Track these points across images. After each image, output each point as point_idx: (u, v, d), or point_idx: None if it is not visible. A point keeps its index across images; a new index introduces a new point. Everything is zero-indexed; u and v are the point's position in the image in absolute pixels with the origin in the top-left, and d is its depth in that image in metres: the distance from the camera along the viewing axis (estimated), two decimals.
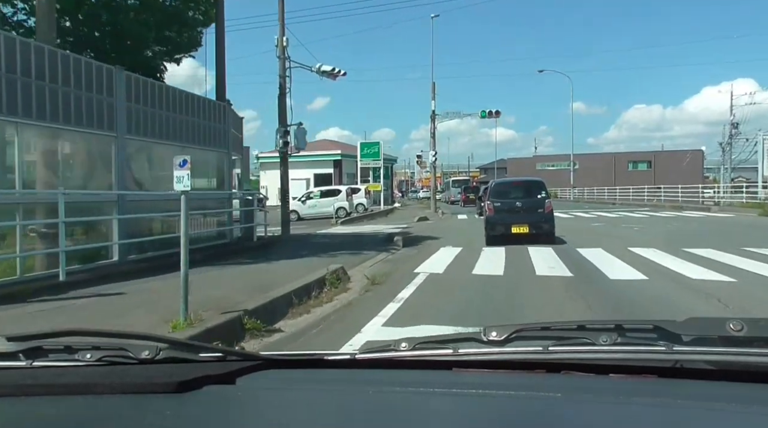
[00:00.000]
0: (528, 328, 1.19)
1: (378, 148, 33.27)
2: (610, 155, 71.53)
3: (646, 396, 0.94)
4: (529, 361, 1.10)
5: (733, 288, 6.89)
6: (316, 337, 5.22)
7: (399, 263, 10.30)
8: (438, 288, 7.60)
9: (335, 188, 27.44)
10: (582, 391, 0.99)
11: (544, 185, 13.60)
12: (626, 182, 52.33)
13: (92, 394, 1.01)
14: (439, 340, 1.21)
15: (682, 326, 1.08)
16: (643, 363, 1.05)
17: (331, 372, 1.20)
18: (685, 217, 22.03)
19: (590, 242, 12.42)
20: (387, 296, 6.94)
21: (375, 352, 1.21)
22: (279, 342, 5.11)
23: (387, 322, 5.59)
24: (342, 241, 14.52)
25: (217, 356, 1.20)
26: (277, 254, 11.38)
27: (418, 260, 10.45)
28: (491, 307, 6.38)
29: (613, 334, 1.08)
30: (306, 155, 43.83)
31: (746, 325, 1.02)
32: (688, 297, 6.50)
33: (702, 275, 7.86)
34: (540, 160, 76.23)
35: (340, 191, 26.69)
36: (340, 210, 26.34)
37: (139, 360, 1.13)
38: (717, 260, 9.13)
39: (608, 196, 45.72)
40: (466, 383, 1.06)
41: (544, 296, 6.80)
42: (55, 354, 1.17)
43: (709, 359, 1.02)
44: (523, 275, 8.43)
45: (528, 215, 12.53)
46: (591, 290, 7.06)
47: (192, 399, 1.01)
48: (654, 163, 67.98)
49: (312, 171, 40.68)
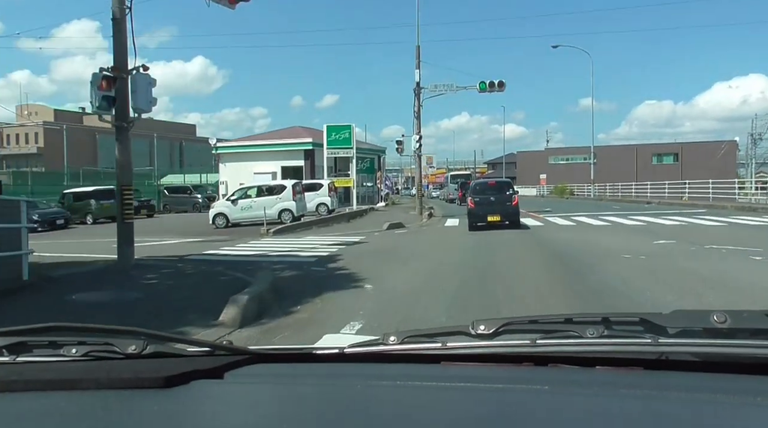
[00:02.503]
0: (516, 321, 1.18)
1: (349, 132, 26.11)
2: (631, 147, 64.03)
3: (632, 388, 0.95)
4: (516, 354, 1.10)
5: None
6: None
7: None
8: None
9: (278, 184, 20.29)
10: (569, 384, 1.00)
11: (512, 185, 17.03)
12: (649, 178, 45.36)
13: (78, 390, 1.00)
14: (427, 334, 1.20)
15: (668, 318, 1.09)
16: (629, 355, 1.05)
17: (319, 366, 1.18)
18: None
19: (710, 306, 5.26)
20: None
21: (363, 346, 1.22)
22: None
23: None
24: (172, 287, 7.31)
25: (205, 350, 1.20)
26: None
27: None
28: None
29: (600, 327, 1.09)
30: (272, 144, 37.26)
31: (730, 317, 1.03)
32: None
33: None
34: (553, 153, 68.87)
35: (284, 188, 19.52)
36: (284, 213, 19.22)
37: (125, 355, 1.11)
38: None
39: (636, 192, 38.35)
40: (454, 376, 1.08)
41: None
42: (39, 350, 1.16)
43: (694, 351, 1.04)
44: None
45: (500, 207, 15.63)
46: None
47: (179, 393, 0.99)
48: (681, 156, 60.62)
49: (279, 163, 33.59)
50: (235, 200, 19.64)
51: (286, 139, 34.43)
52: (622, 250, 9.78)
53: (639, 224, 16.11)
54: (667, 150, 63.18)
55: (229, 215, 19.44)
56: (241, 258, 10.71)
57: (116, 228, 9.57)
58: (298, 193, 19.87)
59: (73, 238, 17.60)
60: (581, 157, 64.41)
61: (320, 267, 9.09)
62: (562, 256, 9.68)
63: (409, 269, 8.78)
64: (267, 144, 34.74)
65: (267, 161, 34.02)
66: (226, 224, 19.32)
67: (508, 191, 16.20)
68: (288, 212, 19.22)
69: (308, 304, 6.11)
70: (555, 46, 40.35)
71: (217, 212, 19.60)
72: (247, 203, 19.17)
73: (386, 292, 6.78)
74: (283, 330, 5.04)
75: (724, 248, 9.80)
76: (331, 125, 26.60)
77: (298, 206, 19.52)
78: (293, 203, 19.26)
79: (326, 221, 19.69)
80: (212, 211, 19.89)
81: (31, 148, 70.75)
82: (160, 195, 33.18)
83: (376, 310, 5.80)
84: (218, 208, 19.80)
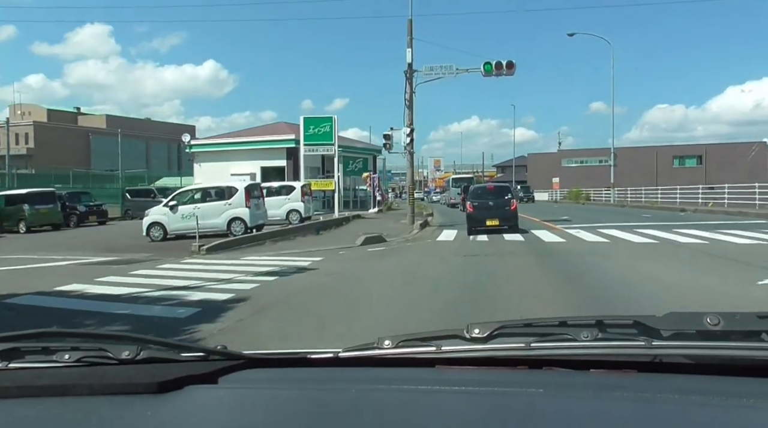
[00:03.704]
0: (510, 325, 1.17)
1: (330, 125, 21.95)
2: (651, 149, 59.54)
3: (626, 391, 0.95)
4: (511, 357, 1.10)
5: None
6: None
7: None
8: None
9: (228, 186, 16.15)
10: (563, 387, 1.00)
11: (510, 189, 17.77)
12: (669, 181, 41.14)
13: (71, 395, 0.99)
14: (422, 337, 1.18)
15: (662, 321, 1.08)
16: (623, 358, 1.06)
17: (314, 370, 1.17)
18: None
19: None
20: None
21: (358, 350, 1.19)
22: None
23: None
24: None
25: (199, 355, 1.16)
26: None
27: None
28: None
29: (594, 330, 1.09)
30: (251, 142, 33.28)
31: (723, 319, 1.02)
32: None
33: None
34: (566, 155, 64.48)
35: (235, 191, 15.44)
36: (235, 222, 15.20)
37: (119, 361, 1.09)
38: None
39: (663, 198, 33.97)
40: (449, 380, 1.06)
41: None
42: (32, 356, 1.14)
43: (688, 353, 1.04)
44: None
45: (498, 211, 15.43)
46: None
47: (173, 399, 0.98)
48: (705, 158, 56.12)
49: (259, 163, 29.63)
50: (174, 207, 15.51)
51: (267, 136, 30.42)
52: (741, 308, 5.64)
53: (698, 242, 11.87)
54: (690, 152, 58.71)
55: (167, 225, 15.38)
56: (88, 304, 6.65)
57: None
58: (255, 198, 15.78)
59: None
60: (596, 159, 60.22)
61: (183, 335, 5.02)
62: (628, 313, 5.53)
63: (325, 343, 4.66)
64: (246, 141, 30.79)
65: (246, 160, 30.10)
66: (164, 236, 15.29)
67: (507, 195, 16.29)
68: (240, 222, 15.12)
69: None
70: (571, 34, 36.19)
71: (151, 222, 15.52)
72: (189, 210, 15.05)
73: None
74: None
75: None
76: (310, 117, 22.43)
77: (254, 214, 15.41)
78: (246, 211, 15.14)
79: (289, 233, 15.57)
80: (146, 220, 15.73)
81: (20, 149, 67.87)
82: (123, 199, 29.26)
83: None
84: (153, 216, 15.67)
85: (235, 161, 30.15)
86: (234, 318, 5.62)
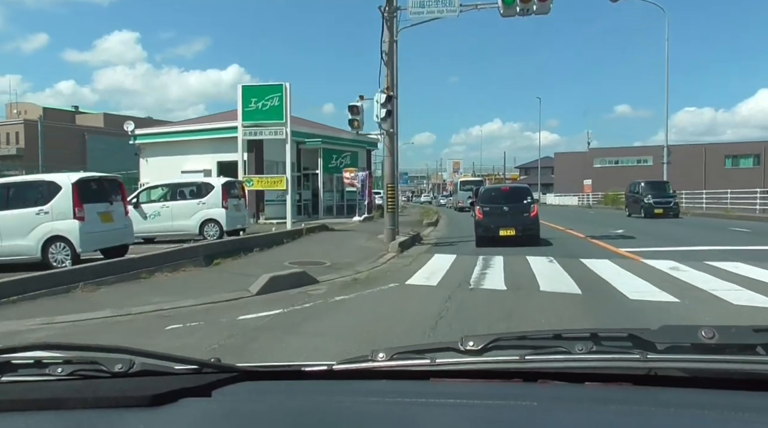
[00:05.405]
0: (505, 337, 1.17)
1: (280, 97, 15.28)
2: (698, 147, 51.89)
3: (620, 404, 0.95)
4: (505, 370, 1.10)
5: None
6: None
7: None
8: None
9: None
10: (558, 400, 1.00)
11: (530, 191, 14.33)
12: (722, 184, 33.52)
13: (64, 409, 0.98)
14: (416, 350, 1.18)
15: (656, 334, 1.08)
16: (617, 371, 1.05)
17: (308, 383, 1.16)
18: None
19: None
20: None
21: (352, 363, 1.19)
22: None
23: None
24: None
25: (193, 368, 1.15)
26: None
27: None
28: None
29: (589, 343, 1.08)
30: (206, 130, 26.87)
31: (717, 332, 1.02)
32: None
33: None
34: (598, 154, 56.85)
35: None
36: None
37: (112, 374, 1.08)
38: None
39: (733, 203, 26.69)
40: (443, 393, 1.07)
41: None
42: (24, 369, 1.13)
43: (682, 366, 1.03)
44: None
45: (515, 218, 12.82)
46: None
47: (167, 412, 0.97)
48: (764, 158, 48.45)
49: (216, 157, 23.17)
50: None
51: (225, 122, 23.89)
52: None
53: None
54: (745, 151, 50.98)
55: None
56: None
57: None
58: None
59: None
60: (633, 159, 52.97)
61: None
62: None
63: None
64: (200, 130, 24.40)
65: (201, 154, 23.69)
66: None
67: (526, 199, 13.54)
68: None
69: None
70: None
71: None
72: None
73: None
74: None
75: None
76: (249, 86, 15.85)
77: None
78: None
79: (149, 263, 8.82)
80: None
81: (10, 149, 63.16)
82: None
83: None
84: None
85: (189, 155, 23.83)
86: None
